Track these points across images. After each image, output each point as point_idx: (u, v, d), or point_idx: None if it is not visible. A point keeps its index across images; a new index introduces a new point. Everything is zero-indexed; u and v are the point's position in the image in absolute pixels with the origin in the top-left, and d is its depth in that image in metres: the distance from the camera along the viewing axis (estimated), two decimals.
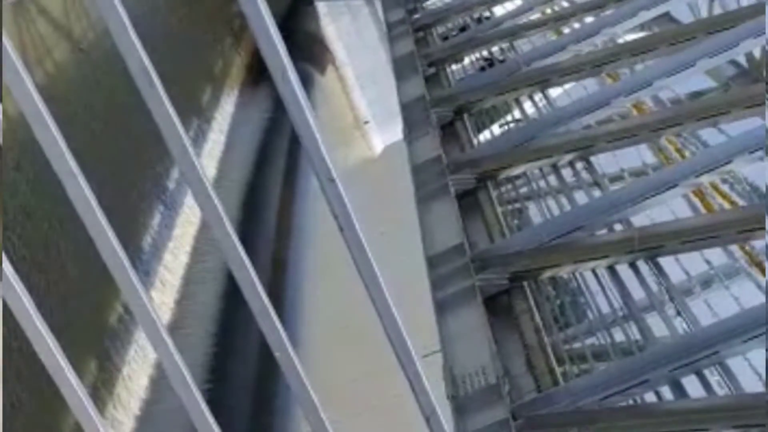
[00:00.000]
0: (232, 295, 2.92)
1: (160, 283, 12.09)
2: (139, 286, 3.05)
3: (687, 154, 7.56)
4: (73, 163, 2.90)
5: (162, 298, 11.95)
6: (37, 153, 2.96)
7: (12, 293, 3.04)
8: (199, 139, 15.63)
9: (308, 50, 22.22)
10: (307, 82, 20.40)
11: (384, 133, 23.41)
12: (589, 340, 6.80)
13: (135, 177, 12.47)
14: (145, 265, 11.83)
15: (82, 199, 2.93)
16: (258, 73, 18.61)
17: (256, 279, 2.89)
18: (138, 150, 12.20)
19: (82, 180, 2.91)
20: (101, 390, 9.66)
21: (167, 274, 12.41)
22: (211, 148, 16.06)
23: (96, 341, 9.99)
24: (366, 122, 24.89)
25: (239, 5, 2.52)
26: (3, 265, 3.00)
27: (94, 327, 10.06)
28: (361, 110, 24.80)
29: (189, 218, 13.59)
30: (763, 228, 5.20)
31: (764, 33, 7.40)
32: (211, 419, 3.20)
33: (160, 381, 10.32)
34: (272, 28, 2.52)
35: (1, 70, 2.74)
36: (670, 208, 6.65)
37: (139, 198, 12.50)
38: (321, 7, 24.40)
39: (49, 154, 2.90)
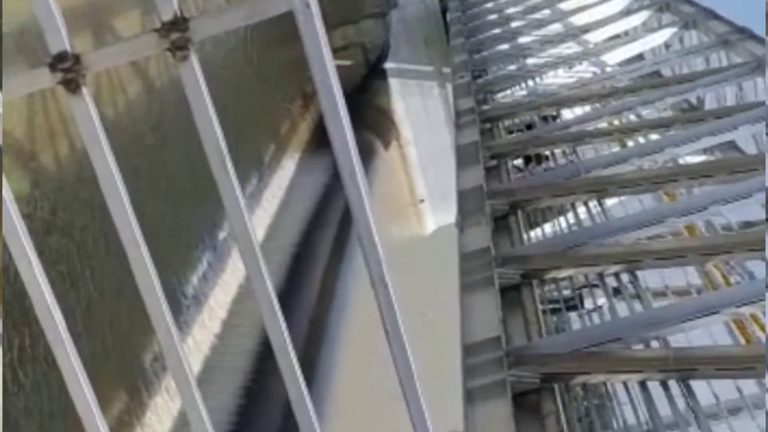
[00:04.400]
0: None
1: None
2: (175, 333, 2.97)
3: (732, 281, 7.63)
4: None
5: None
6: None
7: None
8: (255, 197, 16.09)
9: (375, 124, 22.74)
10: (370, 154, 20.84)
11: (438, 214, 23.71)
12: None
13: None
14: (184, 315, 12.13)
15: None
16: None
17: (288, 341, 2.89)
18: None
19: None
20: None
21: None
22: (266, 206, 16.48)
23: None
24: (422, 201, 25.22)
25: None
26: None
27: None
28: (418, 189, 25.17)
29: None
30: None
31: None
32: None
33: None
34: (348, 132, 2.59)
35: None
36: (708, 332, 6.72)
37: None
38: (394, 84, 25.06)
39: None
